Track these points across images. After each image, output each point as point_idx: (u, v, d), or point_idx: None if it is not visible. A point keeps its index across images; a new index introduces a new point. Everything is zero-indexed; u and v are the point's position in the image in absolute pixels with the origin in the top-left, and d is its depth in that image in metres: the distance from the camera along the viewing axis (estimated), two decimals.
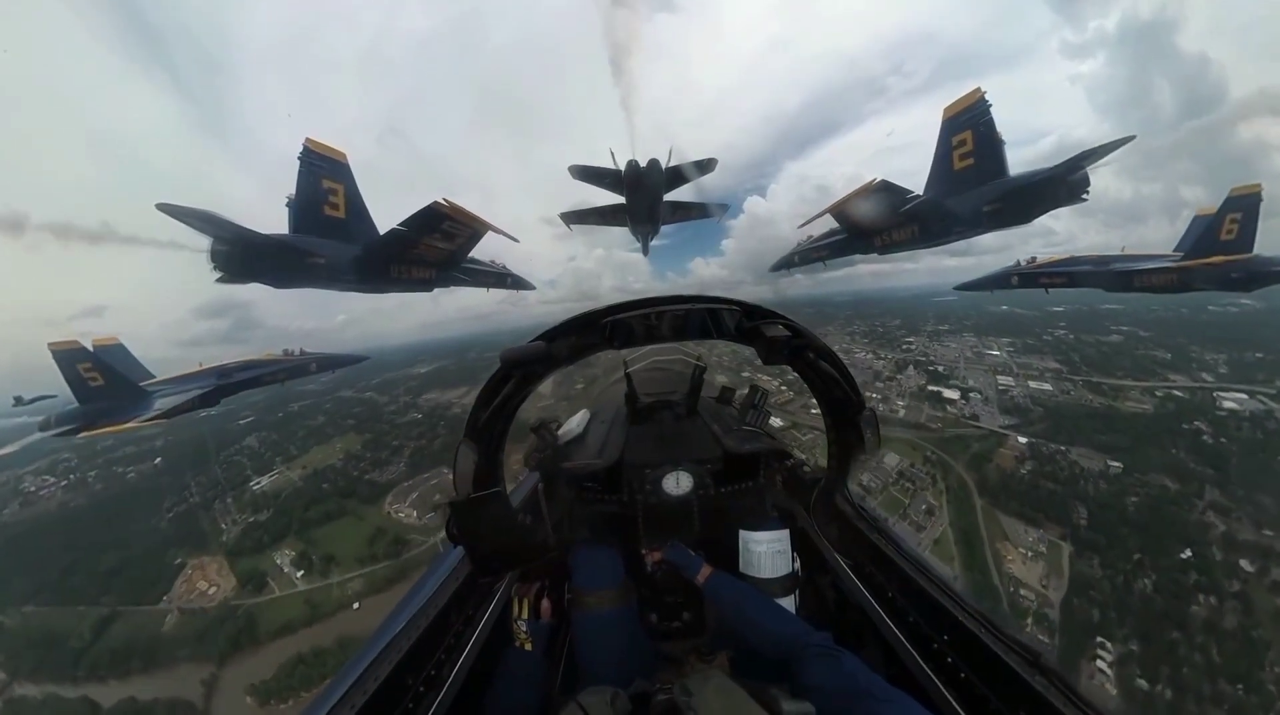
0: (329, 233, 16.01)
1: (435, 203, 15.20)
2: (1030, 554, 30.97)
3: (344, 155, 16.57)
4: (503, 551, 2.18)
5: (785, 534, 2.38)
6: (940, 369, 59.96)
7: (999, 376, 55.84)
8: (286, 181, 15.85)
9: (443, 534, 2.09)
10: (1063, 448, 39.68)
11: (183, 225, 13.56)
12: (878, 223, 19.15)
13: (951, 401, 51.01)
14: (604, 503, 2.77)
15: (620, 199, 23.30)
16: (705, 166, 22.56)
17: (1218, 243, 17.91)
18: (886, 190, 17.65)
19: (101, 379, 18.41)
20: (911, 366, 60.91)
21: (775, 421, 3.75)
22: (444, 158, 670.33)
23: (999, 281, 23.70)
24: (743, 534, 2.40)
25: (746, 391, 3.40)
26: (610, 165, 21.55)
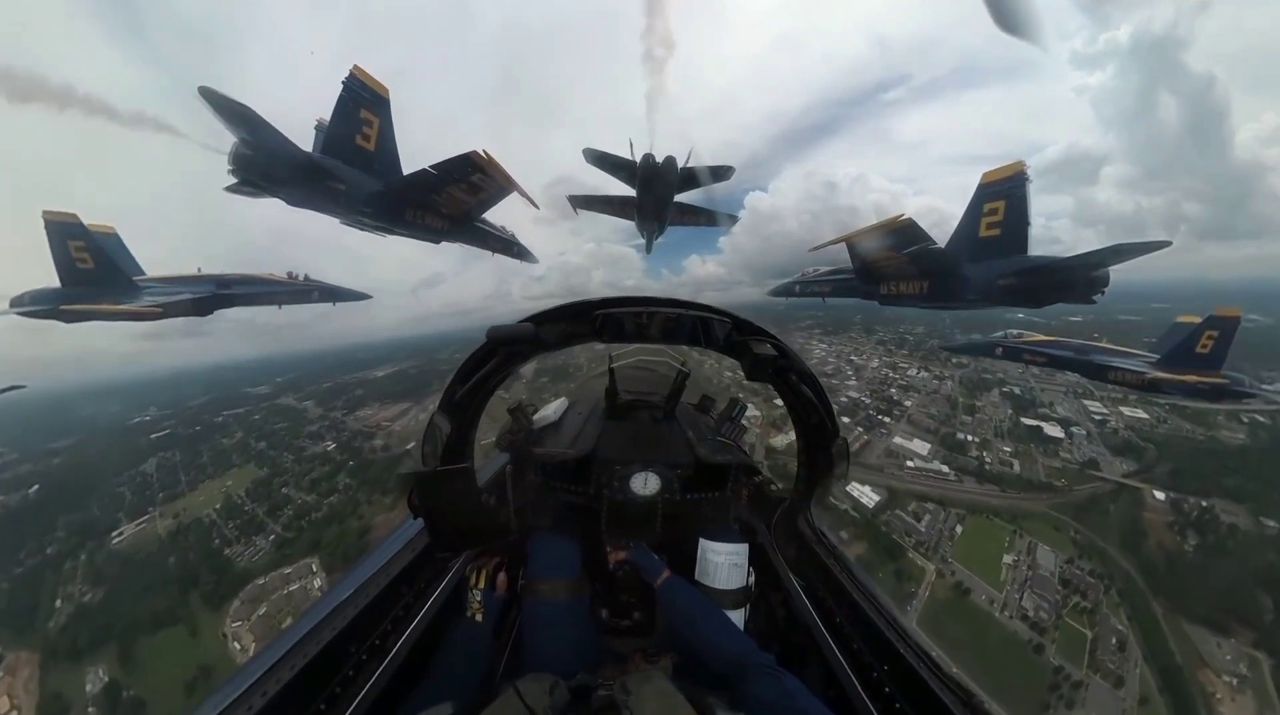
0: (355, 163, 15.96)
1: (473, 152, 15.06)
2: (1234, 680, 25.26)
3: (387, 91, 16.52)
4: (462, 529, 2.19)
5: (744, 548, 2.40)
6: (1016, 391, 54.47)
7: (1084, 401, 50.44)
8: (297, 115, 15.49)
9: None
10: (1203, 502, 35.20)
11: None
12: (890, 267, 18.82)
13: (1056, 441, 45.48)
14: (570, 493, 2.77)
15: (630, 191, 23.02)
16: (721, 173, 22.34)
17: (1192, 355, 18.66)
18: (910, 230, 17.08)
19: (92, 262, 16.92)
20: (996, 391, 55.12)
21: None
22: (414, 132, 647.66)
23: (984, 349, 24.14)
24: (703, 542, 2.43)
25: (726, 404, 3.44)
26: (626, 155, 21.20)
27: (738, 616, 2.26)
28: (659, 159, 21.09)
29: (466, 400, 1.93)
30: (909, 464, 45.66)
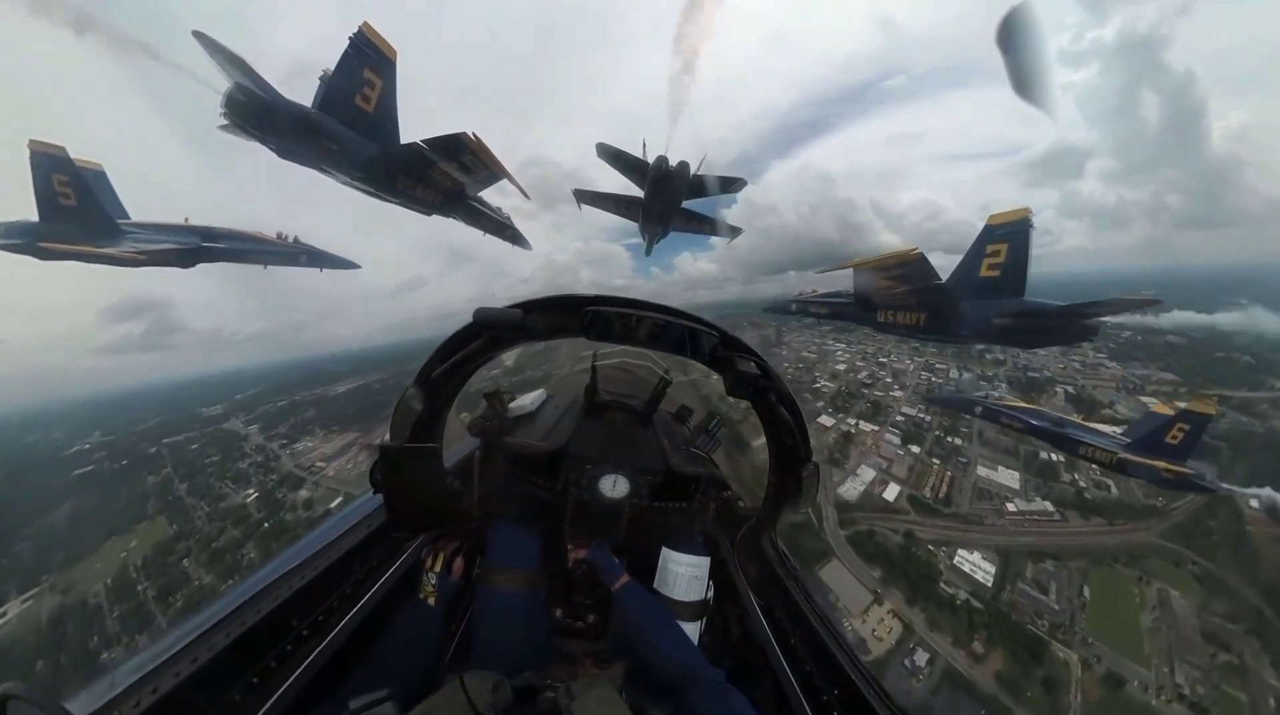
0: (352, 123, 15.42)
1: (462, 133, 14.86)
2: None
3: (395, 53, 16.03)
4: (423, 510, 2.15)
5: (706, 561, 2.40)
6: (1069, 389, 50.97)
7: (1139, 397, 47.50)
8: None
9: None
10: None
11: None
12: (891, 297, 19.04)
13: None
14: (537, 487, 2.74)
15: (637, 192, 22.76)
16: (732, 185, 22.20)
17: (1162, 444, 19.28)
18: (920, 265, 17.53)
19: (75, 199, 16.17)
20: (1060, 391, 50.80)
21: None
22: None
23: (963, 406, 25.08)
24: (665, 551, 2.41)
25: (704, 416, 3.42)
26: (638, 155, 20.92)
27: (693, 629, 2.25)
28: (673, 163, 20.89)
29: (443, 379, 1.87)
30: (1010, 507, 40.96)
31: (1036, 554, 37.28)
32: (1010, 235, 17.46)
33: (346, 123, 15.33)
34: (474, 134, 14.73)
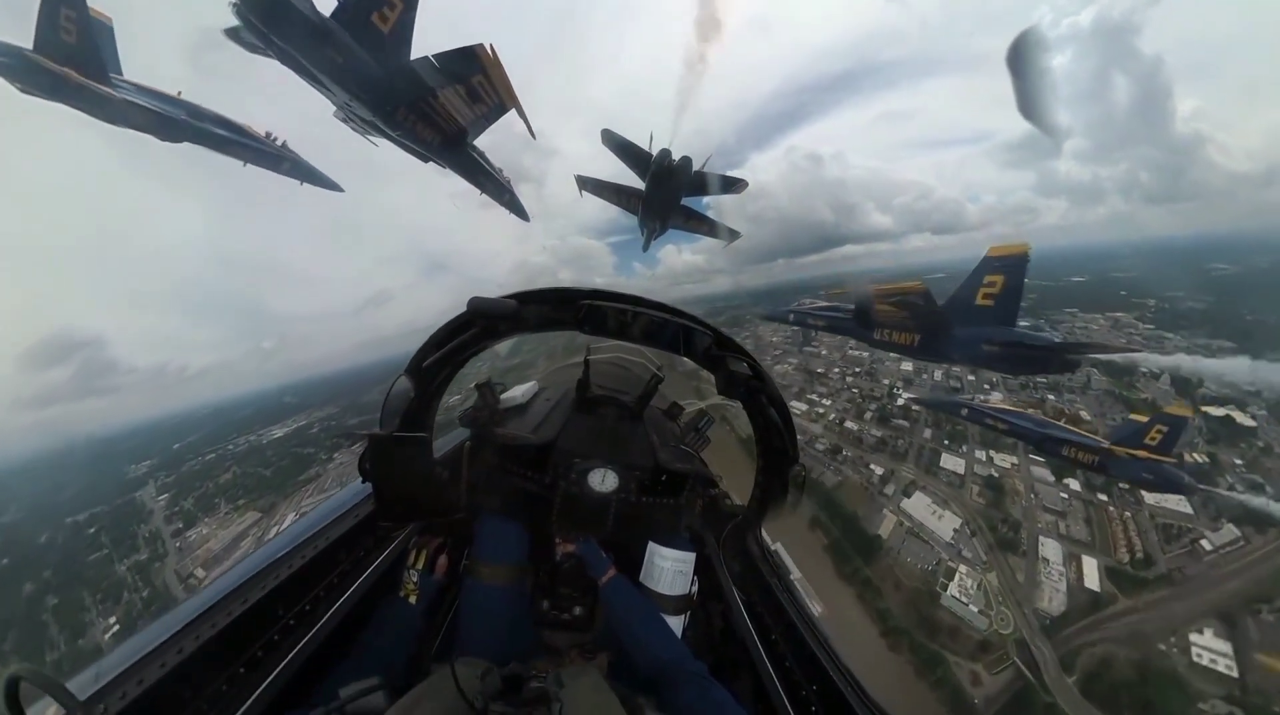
0: (365, 41, 14.37)
1: (479, 45, 13.82)
2: None
3: None
4: (411, 500, 2.16)
5: (692, 557, 2.44)
6: (1155, 370, 42.31)
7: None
8: None
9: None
10: None
11: None
12: (890, 318, 19.46)
13: (1251, 430, 35.68)
14: (525, 479, 2.68)
15: (638, 184, 22.42)
16: (733, 186, 22.17)
17: (1141, 444, 20.17)
18: (925, 298, 18.10)
19: (75, 38, 15.07)
20: (1162, 379, 42.32)
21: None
22: None
23: (950, 408, 25.07)
24: (652, 546, 2.45)
25: (694, 414, 3.44)
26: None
27: (677, 623, 2.28)
28: (676, 157, 20.59)
29: (435, 368, 1.87)
30: (1205, 546, 31.71)
31: (1254, 605, 28.12)
32: (1007, 268, 18.21)
33: (359, 39, 14.25)
34: (490, 46, 13.71)
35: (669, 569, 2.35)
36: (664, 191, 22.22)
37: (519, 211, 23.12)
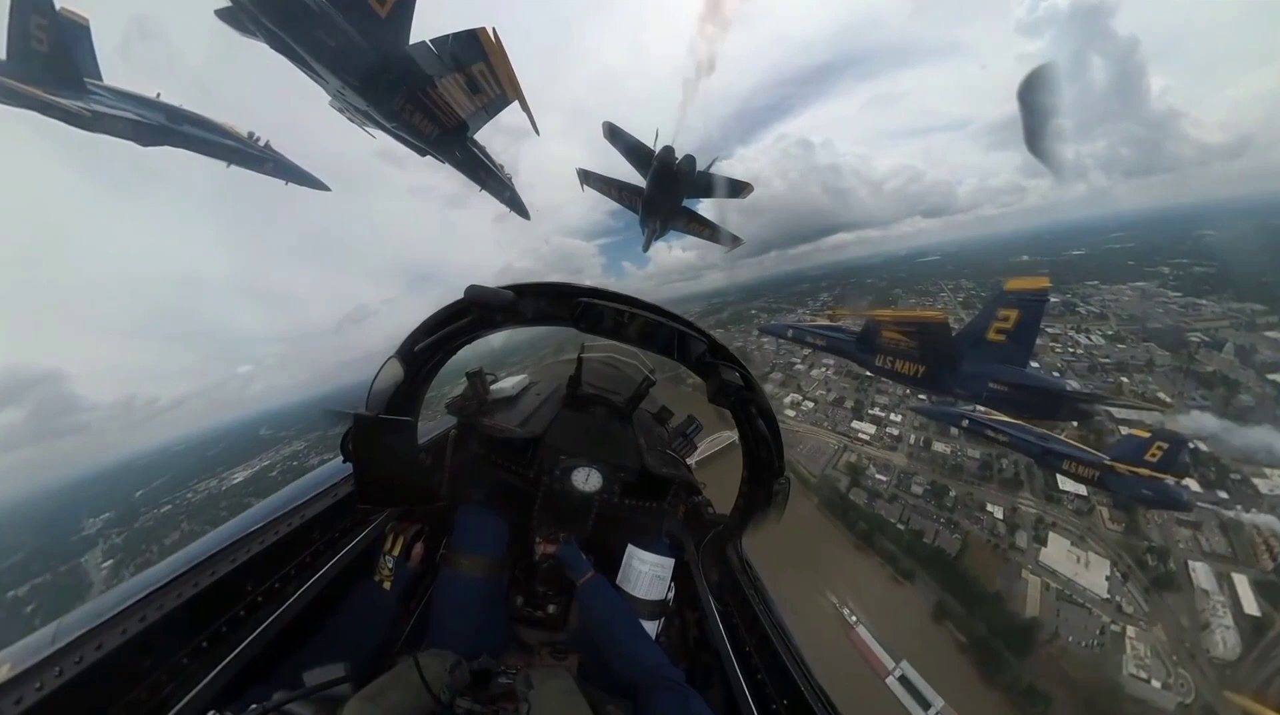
0: (359, 23, 13.59)
1: (481, 29, 13.13)
2: None
3: None
4: (392, 484, 2.13)
5: (671, 562, 2.43)
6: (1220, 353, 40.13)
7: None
8: None
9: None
10: None
11: None
12: (895, 346, 18.58)
13: None
14: (509, 473, 2.70)
15: (639, 182, 21.73)
16: (738, 189, 21.31)
17: (1141, 461, 19.71)
18: (942, 328, 17.41)
19: (47, 46, 14.75)
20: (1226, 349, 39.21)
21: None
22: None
23: (951, 419, 24.57)
24: (632, 549, 2.44)
25: (683, 420, 3.44)
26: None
27: (651, 629, 2.27)
28: (679, 155, 19.81)
29: (426, 354, 1.86)
30: None
31: None
32: (1023, 303, 17.13)
33: (353, 22, 13.46)
34: (493, 30, 13.01)
35: (647, 573, 2.36)
36: (665, 190, 21.52)
37: (520, 209, 22.43)
